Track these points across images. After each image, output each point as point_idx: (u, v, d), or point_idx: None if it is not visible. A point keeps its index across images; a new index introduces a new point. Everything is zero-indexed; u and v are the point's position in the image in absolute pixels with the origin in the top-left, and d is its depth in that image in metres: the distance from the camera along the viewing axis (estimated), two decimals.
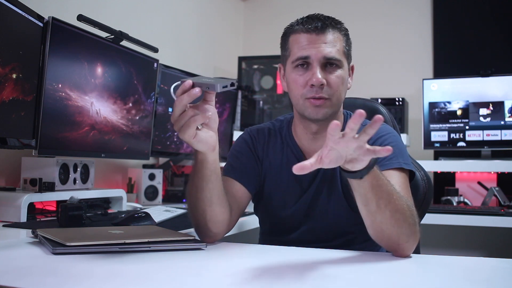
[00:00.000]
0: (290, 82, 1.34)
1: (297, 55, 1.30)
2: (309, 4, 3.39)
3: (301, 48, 1.30)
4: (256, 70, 3.21)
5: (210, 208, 1.19)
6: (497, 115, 2.77)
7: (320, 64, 1.28)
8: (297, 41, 1.31)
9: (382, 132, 1.35)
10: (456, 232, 2.89)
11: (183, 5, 2.96)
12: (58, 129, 1.66)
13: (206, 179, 1.17)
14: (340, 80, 1.31)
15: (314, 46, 1.29)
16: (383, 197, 1.07)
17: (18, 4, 1.46)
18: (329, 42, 1.29)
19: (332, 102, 1.30)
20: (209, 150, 1.14)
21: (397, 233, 1.10)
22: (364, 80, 3.19)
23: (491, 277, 1.00)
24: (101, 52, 1.84)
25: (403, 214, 1.10)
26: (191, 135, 1.07)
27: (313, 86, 1.28)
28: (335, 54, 1.29)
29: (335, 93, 1.30)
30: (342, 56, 1.31)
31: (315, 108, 1.30)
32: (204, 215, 1.20)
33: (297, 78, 1.31)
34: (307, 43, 1.29)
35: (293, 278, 0.93)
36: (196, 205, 1.20)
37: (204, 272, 0.96)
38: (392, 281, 0.95)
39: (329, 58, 1.29)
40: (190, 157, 2.61)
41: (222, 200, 1.21)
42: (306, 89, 1.29)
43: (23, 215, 1.48)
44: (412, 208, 1.14)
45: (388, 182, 1.10)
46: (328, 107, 1.30)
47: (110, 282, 0.85)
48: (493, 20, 3.08)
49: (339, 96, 1.32)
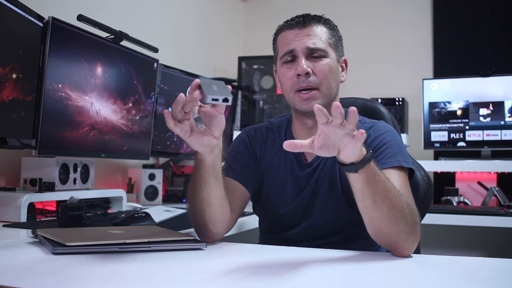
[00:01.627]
0: (281, 78, 1.37)
1: (283, 51, 1.34)
2: (309, 4, 3.39)
3: (286, 44, 1.34)
4: (256, 70, 3.21)
5: (209, 208, 1.19)
6: (497, 115, 2.77)
7: (305, 55, 1.31)
8: (282, 38, 1.36)
9: (381, 130, 1.35)
10: (456, 232, 2.89)
11: (183, 5, 2.96)
12: (58, 129, 1.66)
13: (204, 180, 1.17)
14: (327, 68, 1.32)
15: (297, 39, 1.32)
16: (380, 193, 1.08)
17: (18, 4, 1.46)
18: (313, 35, 1.33)
19: (321, 92, 1.31)
20: (205, 152, 1.14)
21: (395, 231, 1.10)
22: (364, 80, 3.20)
23: (491, 277, 1.00)
24: (101, 52, 1.84)
25: (401, 211, 1.10)
26: (182, 131, 1.08)
27: (299, 76, 1.30)
28: (319, 44, 1.32)
29: (322, 81, 1.31)
30: (327, 47, 1.33)
31: (305, 101, 1.31)
32: (203, 215, 1.20)
33: (285, 72, 1.34)
34: (291, 38, 1.33)
35: (293, 278, 0.93)
36: (195, 205, 1.20)
37: (204, 272, 0.96)
38: (392, 281, 0.95)
39: (312, 49, 1.31)
40: (190, 157, 2.61)
41: (221, 202, 1.21)
42: (295, 81, 1.31)
43: (23, 215, 1.48)
44: (412, 206, 1.14)
45: (386, 179, 1.10)
46: (318, 98, 1.31)
47: (110, 282, 0.85)
48: (493, 20, 3.08)
49: (329, 85, 1.32)
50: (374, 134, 1.34)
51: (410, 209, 1.12)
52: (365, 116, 1.47)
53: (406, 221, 1.10)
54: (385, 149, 1.29)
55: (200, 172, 1.17)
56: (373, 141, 1.33)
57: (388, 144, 1.30)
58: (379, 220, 1.10)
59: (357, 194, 1.09)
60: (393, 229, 1.10)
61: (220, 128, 1.12)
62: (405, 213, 1.10)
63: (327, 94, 1.33)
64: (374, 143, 1.32)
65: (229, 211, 1.25)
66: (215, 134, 1.12)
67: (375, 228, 1.13)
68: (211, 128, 1.11)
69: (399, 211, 1.09)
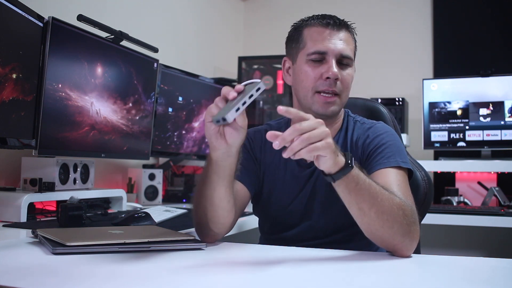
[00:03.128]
0: (301, 74, 1.34)
1: (314, 49, 1.31)
2: (310, 4, 3.40)
3: (318, 41, 1.31)
4: (256, 70, 3.21)
5: (212, 208, 1.19)
6: (497, 115, 2.77)
7: (336, 59, 1.31)
8: (313, 33, 1.33)
9: (379, 131, 1.35)
10: (456, 232, 2.89)
11: (183, 5, 2.96)
12: (58, 129, 1.66)
13: (209, 176, 1.16)
14: (350, 79, 1.34)
15: (331, 41, 1.31)
16: (365, 200, 1.08)
17: (18, 4, 1.46)
18: (344, 40, 1.33)
19: (341, 100, 1.33)
20: (212, 149, 1.11)
21: (388, 234, 1.10)
22: (364, 80, 3.19)
23: (491, 277, 1.00)
24: (101, 52, 1.84)
25: (391, 214, 1.09)
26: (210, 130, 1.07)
27: (328, 79, 1.29)
28: (349, 52, 1.33)
29: (345, 90, 1.33)
30: (353, 56, 1.35)
31: (325, 104, 1.31)
32: (206, 212, 1.19)
33: (309, 70, 1.32)
34: (325, 37, 1.31)
35: (292, 278, 0.93)
36: (200, 201, 1.20)
37: (204, 272, 0.96)
38: (392, 281, 0.95)
39: (344, 55, 1.32)
40: (190, 157, 2.61)
41: (225, 204, 1.19)
42: (319, 82, 1.30)
43: (23, 215, 1.48)
44: (408, 207, 1.13)
45: (371, 184, 1.09)
46: (337, 105, 1.33)
47: (110, 282, 0.85)
48: (493, 20, 3.08)
49: (347, 94, 1.35)
50: (373, 135, 1.34)
51: (404, 211, 1.11)
52: (365, 116, 1.47)
53: (398, 223, 1.10)
54: (383, 150, 1.29)
55: (207, 168, 1.17)
56: (371, 142, 1.33)
57: (386, 144, 1.31)
58: (369, 225, 1.11)
59: (343, 200, 1.11)
60: (386, 232, 1.10)
61: (233, 135, 1.07)
62: (396, 216, 1.09)
63: (344, 102, 1.35)
64: (372, 144, 1.32)
65: (233, 214, 1.24)
66: (227, 139, 1.08)
67: (368, 232, 1.13)
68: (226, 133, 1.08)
69: (389, 215, 1.09)
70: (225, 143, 1.08)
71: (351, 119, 1.43)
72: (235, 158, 1.14)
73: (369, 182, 1.09)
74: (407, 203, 1.15)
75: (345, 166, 1.04)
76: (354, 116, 1.44)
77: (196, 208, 1.23)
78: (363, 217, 1.10)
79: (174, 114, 2.40)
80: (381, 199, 1.09)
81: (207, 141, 1.12)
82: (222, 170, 1.14)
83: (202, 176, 1.20)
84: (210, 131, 1.07)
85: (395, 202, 1.10)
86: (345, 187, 1.07)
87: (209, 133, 1.08)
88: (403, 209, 1.11)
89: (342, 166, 1.04)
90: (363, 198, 1.08)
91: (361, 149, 1.35)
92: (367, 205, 1.08)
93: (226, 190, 1.17)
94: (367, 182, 1.08)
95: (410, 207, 1.14)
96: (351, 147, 1.37)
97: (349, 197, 1.08)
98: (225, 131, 1.07)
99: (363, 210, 1.09)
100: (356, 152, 1.35)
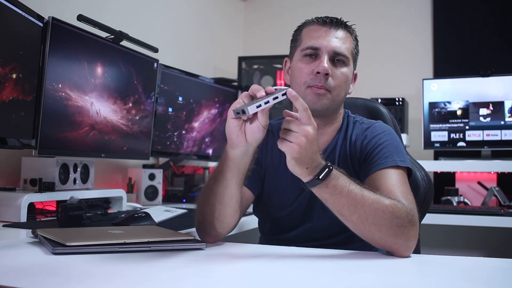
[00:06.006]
0: (295, 70, 1.35)
1: (307, 44, 1.32)
2: (310, 4, 3.39)
3: (313, 38, 1.33)
4: (256, 70, 3.21)
5: (221, 206, 1.18)
6: (497, 115, 2.77)
7: (329, 56, 1.31)
8: (310, 31, 1.35)
9: (376, 131, 1.35)
10: (456, 232, 2.89)
11: (183, 5, 2.96)
12: (58, 129, 1.66)
13: (223, 173, 1.16)
14: (344, 77, 1.33)
15: (326, 38, 1.31)
16: (345, 207, 1.09)
17: (18, 4, 1.46)
18: (340, 38, 1.33)
19: (332, 96, 1.31)
20: (231, 146, 1.11)
21: (378, 236, 1.10)
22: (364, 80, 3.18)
23: (491, 277, 1.00)
24: (101, 52, 1.84)
25: (376, 218, 1.08)
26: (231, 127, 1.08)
27: (318, 74, 1.29)
28: (344, 50, 1.32)
29: (336, 87, 1.31)
30: (350, 55, 1.34)
31: (316, 95, 1.30)
32: (213, 210, 1.19)
33: (303, 66, 1.33)
34: (320, 34, 1.32)
35: (292, 278, 0.93)
36: (209, 198, 1.20)
37: (204, 272, 0.96)
38: (392, 281, 0.95)
39: (337, 53, 1.31)
40: (190, 157, 2.61)
41: (233, 203, 1.19)
42: (311, 77, 1.31)
43: (23, 215, 1.48)
44: (399, 208, 1.11)
45: (351, 191, 1.09)
46: (329, 100, 1.31)
47: (110, 282, 0.85)
48: (493, 20, 3.08)
49: (340, 92, 1.33)
50: (370, 135, 1.34)
51: (393, 213, 1.09)
52: (365, 116, 1.47)
53: (387, 226, 1.09)
54: (381, 150, 1.29)
55: (221, 164, 1.16)
56: (369, 143, 1.33)
57: (384, 144, 1.30)
58: (356, 230, 1.13)
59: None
60: (376, 235, 1.10)
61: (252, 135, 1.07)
62: (383, 219, 1.09)
63: (336, 100, 1.33)
64: (370, 145, 1.32)
65: (238, 214, 1.24)
66: (247, 137, 1.08)
67: (359, 235, 1.14)
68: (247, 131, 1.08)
69: (375, 218, 1.09)
70: (245, 141, 1.08)
71: (351, 119, 1.43)
72: (251, 157, 1.15)
73: (349, 190, 1.09)
74: (399, 204, 1.13)
75: (313, 179, 1.06)
76: (354, 116, 1.44)
77: (202, 205, 1.23)
78: (347, 222, 1.12)
79: (174, 114, 2.40)
80: (363, 204, 1.09)
81: (227, 137, 1.11)
82: (237, 168, 1.14)
83: (214, 173, 1.19)
84: (232, 127, 1.08)
85: (382, 205, 1.09)
86: (320, 196, 1.10)
87: (230, 129, 1.08)
88: (392, 211, 1.10)
89: (311, 178, 1.06)
90: (342, 205, 1.09)
91: (359, 149, 1.35)
92: (347, 211, 1.10)
93: (237, 189, 1.18)
94: (346, 190, 1.09)
95: (403, 207, 1.12)
96: (350, 148, 1.37)
97: (327, 203, 1.11)
98: (246, 129, 1.07)
99: (344, 216, 1.11)
100: (355, 152, 1.35)
